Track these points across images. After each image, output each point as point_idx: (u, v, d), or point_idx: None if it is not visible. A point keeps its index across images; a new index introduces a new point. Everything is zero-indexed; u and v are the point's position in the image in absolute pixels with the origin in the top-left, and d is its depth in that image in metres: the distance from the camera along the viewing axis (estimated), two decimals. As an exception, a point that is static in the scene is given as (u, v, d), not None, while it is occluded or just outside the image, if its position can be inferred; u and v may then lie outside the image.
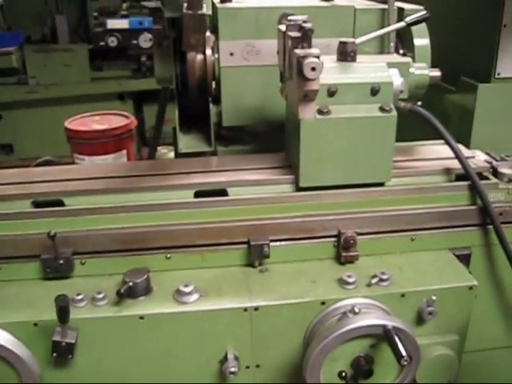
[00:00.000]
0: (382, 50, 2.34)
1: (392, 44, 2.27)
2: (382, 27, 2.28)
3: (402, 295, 1.70)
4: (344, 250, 1.85)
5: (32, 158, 3.88)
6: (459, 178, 1.98)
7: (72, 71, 5.40)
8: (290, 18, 1.80)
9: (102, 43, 5.31)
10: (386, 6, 2.28)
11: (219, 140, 2.42)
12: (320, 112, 1.77)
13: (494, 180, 1.98)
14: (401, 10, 2.34)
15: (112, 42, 5.35)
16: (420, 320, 1.73)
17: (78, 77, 5.44)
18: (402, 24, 1.99)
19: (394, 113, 1.80)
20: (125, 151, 3.72)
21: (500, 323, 2.06)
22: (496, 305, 2.03)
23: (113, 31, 5.33)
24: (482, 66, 2.44)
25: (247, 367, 1.71)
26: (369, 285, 1.72)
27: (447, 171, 1.99)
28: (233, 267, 1.82)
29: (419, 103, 2.34)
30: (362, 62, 1.86)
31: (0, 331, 1.57)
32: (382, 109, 1.79)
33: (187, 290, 1.66)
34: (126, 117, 3.84)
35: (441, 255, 1.89)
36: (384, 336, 1.57)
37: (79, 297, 1.64)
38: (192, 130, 2.44)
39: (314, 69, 1.62)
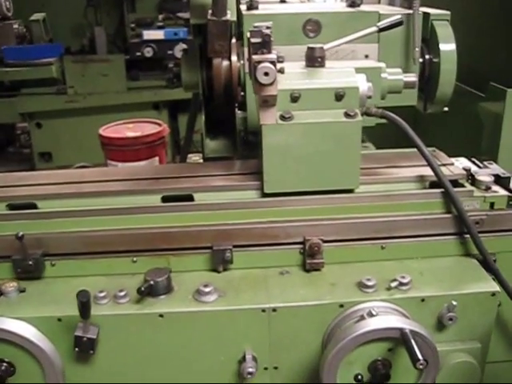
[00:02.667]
0: (407, 55, 2.30)
1: (417, 49, 2.24)
2: (407, 33, 2.27)
3: (422, 300, 1.68)
4: (309, 257, 1.83)
5: (70, 166, 4.07)
6: (433, 185, 1.92)
7: (109, 81, 5.58)
8: (254, 24, 1.81)
9: (138, 53, 5.47)
10: (411, 11, 2.25)
11: (245, 145, 2.43)
12: (282, 117, 1.76)
13: (469, 187, 1.91)
14: (426, 14, 2.31)
15: (148, 52, 5.49)
16: (440, 326, 1.71)
17: (114, 87, 5.62)
18: (374, 29, 1.96)
19: (359, 118, 1.77)
20: (157, 158, 3.80)
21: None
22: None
23: (149, 42, 5.48)
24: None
25: (265, 368, 1.72)
26: (388, 288, 1.70)
27: (420, 178, 1.93)
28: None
29: (446, 109, 2.31)
30: (330, 68, 1.85)
31: (25, 325, 1.64)
32: (346, 114, 1.77)
33: (207, 289, 1.69)
34: (159, 124, 3.92)
35: (463, 261, 1.86)
36: (401, 339, 1.56)
37: (102, 294, 1.70)
38: (219, 136, 2.47)
39: (266, 74, 1.62)
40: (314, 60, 1.84)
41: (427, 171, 1.91)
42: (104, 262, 1.84)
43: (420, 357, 1.51)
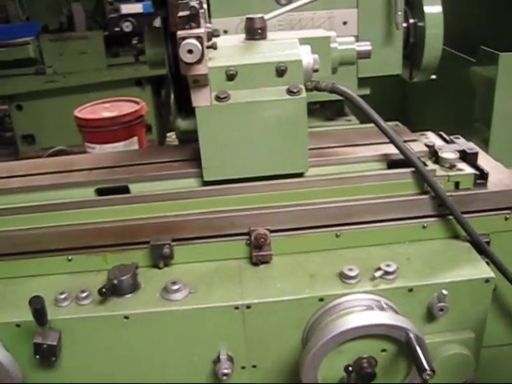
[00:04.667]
0: (389, 20, 2.11)
1: (400, 13, 2.05)
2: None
3: (410, 290, 1.55)
4: (256, 249, 1.68)
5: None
6: (393, 165, 1.75)
7: (88, 59, 5.39)
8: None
9: (117, 29, 5.26)
10: None
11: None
12: (217, 98, 1.60)
13: (431, 166, 1.74)
14: None
15: (127, 27, 5.29)
16: (431, 316, 1.58)
17: (94, 64, 5.42)
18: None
19: (303, 95, 1.60)
20: (136, 138, 3.65)
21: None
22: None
23: (127, 16, 5.26)
24: (506, 33, 2.18)
25: (243, 367, 1.61)
26: (372, 279, 1.56)
27: (381, 158, 1.76)
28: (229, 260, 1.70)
29: (433, 77, 2.14)
30: (271, 40, 1.67)
31: None
32: (289, 91, 1.60)
33: (175, 287, 1.57)
34: (137, 103, 3.76)
35: (454, 244, 1.72)
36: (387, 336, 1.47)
37: (62, 296, 1.58)
38: (191, 115, 2.29)
39: (190, 51, 1.45)
40: (254, 32, 1.68)
41: (389, 149, 1.73)
42: (35, 262, 1.71)
43: (427, 366, 1.40)
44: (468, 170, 1.74)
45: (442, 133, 2.00)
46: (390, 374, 1.55)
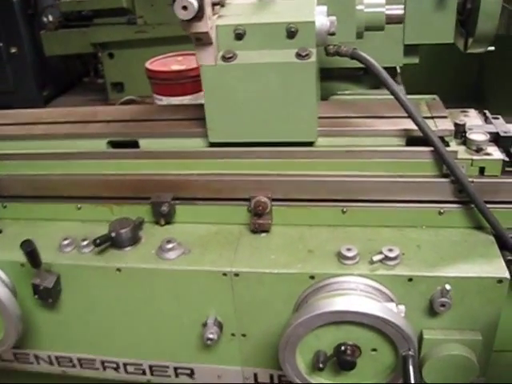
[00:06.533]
0: None
1: None
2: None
3: (410, 279, 1.45)
4: (255, 217, 1.63)
5: (143, 96, 4.03)
6: (412, 142, 1.61)
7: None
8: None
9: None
10: None
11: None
12: (223, 58, 1.54)
13: (453, 147, 1.58)
14: None
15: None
16: (432, 311, 1.47)
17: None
18: None
19: (313, 59, 1.50)
20: (202, 93, 3.67)
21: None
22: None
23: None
24: None
25: (233, 335, 1.62)
26: (371, 262, 1.49)
27: (401, 133, 1.63)
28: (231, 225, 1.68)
29: (491, 48, 1.97)
30: (288, -1, 1.57)
31: None
32: (297, 54, 1.50)
33: (169, 246, 1.58)
34: None
35: (476, 236, 1.58)
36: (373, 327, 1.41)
37: (66, 242, 1.65)
38: None
39: (185, 8, 1.40)
40: (271, -11, 1.58)
41: (411, 124, 1.59)
42: (50, 207, 1.78)
43: (412, 381, 1.35)
44: (497, 154, 1.56)
45: (486, 111, 1.81)
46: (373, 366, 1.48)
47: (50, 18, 5.56)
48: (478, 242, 1.55)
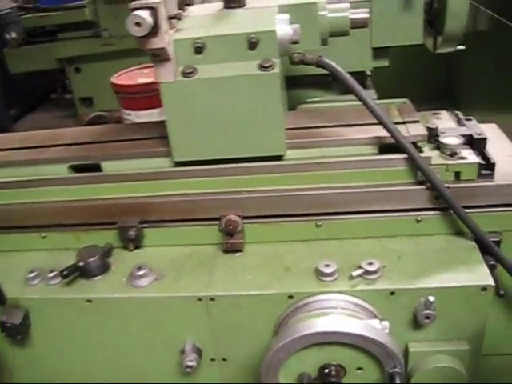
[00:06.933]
0: None
1: None
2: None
3: (392, 293, 1.39)
4: (227, 236, 1.57)
5: (112, 110, 3.94)
6: (385, 149, 1.56)
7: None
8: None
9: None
10: None
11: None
12: (183, 73, 1.47)
13: (427, 153, 1.53)
14: None
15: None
16: (417, 323, 1.42)
17: (150, 27, 5.36)
18: None
19: (276, 70, 1.44)
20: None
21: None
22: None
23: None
24: None
25: (212, 360, 1.55)
26: (351, 278, 1.42)
27: (372, 141, 1.57)
28: (204, 245, 1.62)
29: (461, 47, 1.92)
30: (249, 8, 1.51)
31: None
32: (260, 66, 1.44)
33: (140, 272, 1.51)
34: None
35: (457, 242, 1.54)
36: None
37: (32, 274, 1.57)
38: None
39: (138, 24, 1.33)
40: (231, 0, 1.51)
41: (384, 131, 1.54)
42: (13, 237, 1.71)
43: None
44: (471, 158, 1.52)
45: (458, 112, 1.76)
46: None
47: (13, 35, 5.45)
48: (459, 249, 1.51)
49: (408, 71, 2.98)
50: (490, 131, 1.76)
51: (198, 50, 1.46)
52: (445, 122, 1.70)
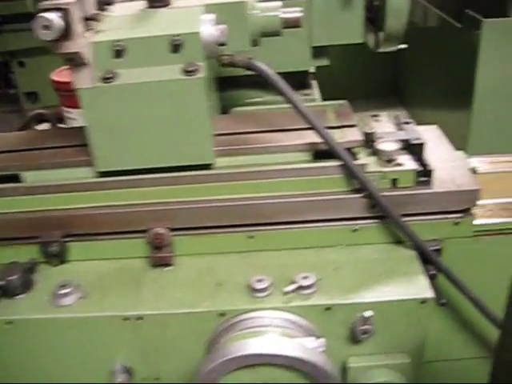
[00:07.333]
0: None
1: None
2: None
3: (327, 308, 1.33)
4: (155, 250, 1.48)
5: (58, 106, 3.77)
6: (320, 155, 1.49)
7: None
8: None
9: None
10: None
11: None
12: (102, 79, 1.36)
13: (364, 159, 1.47)
14: None
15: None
16: (356, 338, 1.36)
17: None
18: None
19: (201, 74, 1.35)
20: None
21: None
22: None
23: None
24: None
25: (144, 379, 1.46)
26: (284, 293, 1.35)
27: (307, 147, 1.50)
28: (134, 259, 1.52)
29: (402, 46, 1.86)
30: (174, 8, 1.42)
31: None
32: (184, 70, 1.35)
33: (64, 291, 1.41)
34: None
35: (396, 251, 1.48)
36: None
37: None
38: None
39: (47, 27, 1.22)
40: (154, -2, 1.41)
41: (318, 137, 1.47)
42: None
43: None
44: (409, 165, 1.46)
45: (399, 114, 1.71)
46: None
47: (-47, 28, 5.21)
48: (398, 259, 1.46)
49: (354, 69, 2.94)
50: (431, 134, 1.72)
51: (118, 54, 1.36)
52: (384, 125, 1.64)
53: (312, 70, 2.14)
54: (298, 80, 1.99)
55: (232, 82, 1.91)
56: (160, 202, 1.47)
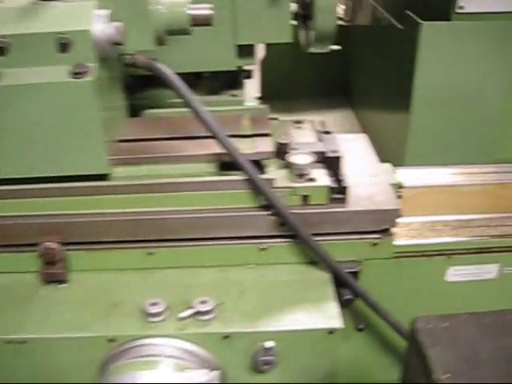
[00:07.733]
0: None
1: None
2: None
3: (226, 337, 1.22)
4: (47, 265, 1.36)
5: None
6: (227, 167, 1.38)
7: None
8: None
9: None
10: None
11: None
12: (-15, 79, 1.23)
13: (272, 174, 1.36)
14: None
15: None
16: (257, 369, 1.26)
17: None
18: None
19: (91, 77, 1.22)
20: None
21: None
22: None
23: None
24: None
25: None
26: (180, 319, 1.24)
27: (213, 157, 1.39)
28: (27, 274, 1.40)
29: (335, 47, 1.74)
30: (68, 1, 1.28)
31: None
32: (71, 72, 1.22)
33: None
34: None
35: (308, 273, 1.38)
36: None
37: None
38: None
39: None
40: (46, -9, 1.28)
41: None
42: None
43: None
44: (322, 180, 1.36)
45: (323, 121, 1.60)
46: None
47: None
48: (309, 282, 1.36)
49: (305, 67, 2.81)
50: (357, 143, 1.62)
51: (2, 51, 1.22)
52: (304, 133, 1.53)
53: (250, 68, 2.02)
54: (226, 79, 1.87)
55: (155, 81, 1.78)
56: (49, 214, 1.34)
